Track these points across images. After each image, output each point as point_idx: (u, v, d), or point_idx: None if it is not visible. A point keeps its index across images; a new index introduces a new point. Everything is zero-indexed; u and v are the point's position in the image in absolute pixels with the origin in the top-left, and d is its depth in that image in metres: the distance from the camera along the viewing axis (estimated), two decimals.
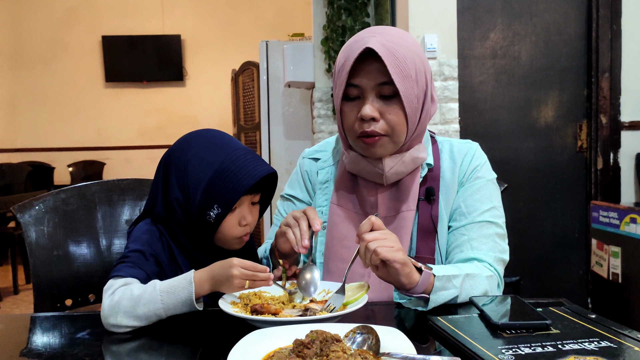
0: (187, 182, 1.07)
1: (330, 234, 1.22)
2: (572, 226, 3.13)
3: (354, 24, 3.31)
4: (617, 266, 2.39)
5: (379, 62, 1.07)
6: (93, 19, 6.83)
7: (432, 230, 1.17)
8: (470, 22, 3.02)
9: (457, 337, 0.84)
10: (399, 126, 1.11)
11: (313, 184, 1.32)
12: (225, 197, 1.05)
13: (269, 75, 4.30)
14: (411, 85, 1.09)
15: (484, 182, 1.21)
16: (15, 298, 4.26)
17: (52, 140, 6.81)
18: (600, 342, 0.80)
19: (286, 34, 4.71)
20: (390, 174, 1.17)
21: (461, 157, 1.23)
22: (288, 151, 4.32)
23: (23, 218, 1.29)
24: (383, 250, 0.95)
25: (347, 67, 1.09)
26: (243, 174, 1.05)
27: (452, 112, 2.91)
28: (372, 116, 1.09)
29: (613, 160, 3.05)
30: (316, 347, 0.75)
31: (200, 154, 1.08)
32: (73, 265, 1.35)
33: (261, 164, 1.09)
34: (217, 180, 1.05)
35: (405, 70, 1.07)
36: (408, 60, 1.08)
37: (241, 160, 1.07)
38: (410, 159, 1.17)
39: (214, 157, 1.07)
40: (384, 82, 1.09)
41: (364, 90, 1.11)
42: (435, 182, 1.20)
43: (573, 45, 3.07)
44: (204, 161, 1.07)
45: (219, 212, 1.06)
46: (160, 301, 0.96)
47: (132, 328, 0.97)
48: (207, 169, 1.06)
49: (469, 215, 1.17)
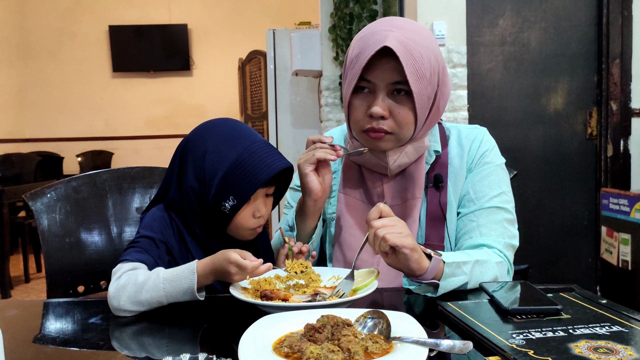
0: (204, 172, 1.07)
1: (339, 222, 1.23)
2: (581, 214, 3.11)
3: (361, 11, 3.29)
4: (627, 253, 2.38)
5: (395, 60, 1.05)
6: (100, 8, 6.83)
7: (441, 217, 1.17)
8: (479, 8, 2.99)
9: (468, 322, 0.84)
10: (407, 125, 1.11)
11: None
12: (241, 190, 1.05)
13: (276, 63, 4.29)
14: (425, 86, 1.08)
15: (492, 167, 1.20)
16: (27, 287, 4.31)
17: (60, 131, 6.84)
18: (612, 327, 0.80)
19: (293, 22, 4.69)
20: (394, 167, 1.17)
21: (469, 142, 1.22)
22: (295, 140, 4.31)
23: (35, 206, 1.30)
24: (392, 236, 0.95)
25: (362, 61, 1.07)
26: (260, 167, 1.05)
27: (461, 100, 2.90)
28: (382, 114, 1.09)
29: (623, 147, 3.03)
30: (327, 331, 0.75)
31: (218, 145, 1.07)
32: (85, 252, 1.36)
33: (278, 157, 1.09)
34: (234, 172, 1.05)
35: (421, 71, 1.06)
36: (425, 60, 1.06)
37: (259, 153, 1.06)
38: (413, 149, 1.17)
39: (232, 149, 1.06)
40: (398, 81, 1.08)
41: (376, 86, 1.10)
42: (443, 169, 1.20)
43: (583, 31, 3.04)
44: (222, 152, 1.06)
45: (234, 203, 1.06)
46: (163, 289, 0.97)
47: (134, 313, 0.98)
48: (224, 160, 1.06)
49: (477, 201, 1.17)
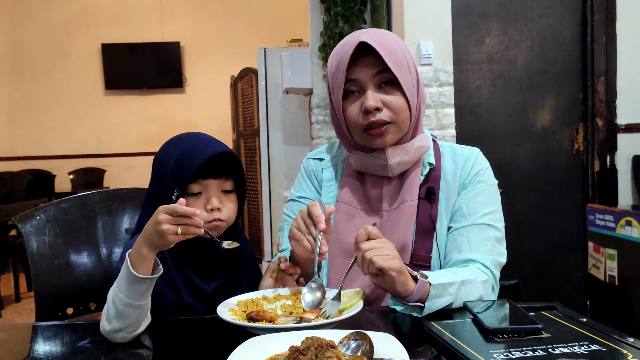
0: (160, 174, 1.15)
1: (335, 230, 1.24)
2: (569, 229, 3.14)
3: (350, 30, 3.34)
4: (613, 269, 2.40)
5: (372, 54, 1.13)
6: (92, 26, 6.86)
7: (430, 229, 1.20)
8: (466, 27, 3.05)
9: (451, 342, 0.86)
10: (403, 111, 1.16)
11: (319, 181, 1.35)
12: (182, 179, 1.10)
13: (268, 81, 4.32)
14: (406, 73, 1.15)
15: (486, 186, 1.24)
16: (17, 306, 4.27)
17: (52, 148, 6.84)
18: (590, 346, 0.82)
19: (284, 40, 4.73)
20: (394, 164, 1.20)
21: (463, 160, 1.25)
22: (287, 157, 4.34)
23: (24, 228, 1.31)
24: (379, 259, 0.97)
25: (344, 64, 1.14)
26: (196, 154, 1.11)
27: (449, 118, 2.93)
28: (376, 106, 1.14)
29: (610, 162, 3.07)
30: (311, 353, 0.77)
31: (168, 148, 1.17)
32: (74, 274, 1.36)
33: (216, 144, 1.14)
34: (177, 165, 1.11)
35: (398, 60, 1.13)
36: (399, 52, 1.14)
37: (199, 145, 1.13)
38: (414, 148, 1.20)
39: (179, 147, 1.14)
40: (381, 70, 1.14)
41: (363, 83, 1.16)
42: (436, 183, 1.23)
43: (568, 50, 3.10)
44: (171, 152, 1.14)
45: (178, 194, 1.11)
46: (118, 289, 0.96)
47: (120, 330, 0.96)
48: (173, 158, 1.13)
49: (469, 216, 1.20)
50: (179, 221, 0.93)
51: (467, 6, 3.04)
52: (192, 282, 1.17)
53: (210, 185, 1.15)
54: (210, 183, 1.15)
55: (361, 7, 3.35)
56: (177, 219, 0.93)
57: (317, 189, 1.35)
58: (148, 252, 0.95)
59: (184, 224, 0.93)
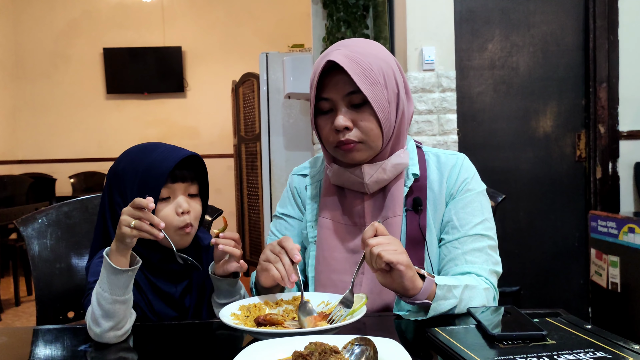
0: (124, 185, 1.15)
1: (321, 246, 1.24)
2: (571, 236, 3.13)
3: (352, 35, 3.34)
4: (615, 275, 2.39)
5: (344, 73, 1.11)
6: (94, 31, 6.88)
7: (420, 240, 1.19)
8: (469, 33, 3.05)
9: (454, 348, 0.85)
10: (373, 132, 1.14)
11: (303, 199, 1.34)
12: (152, 186, 1.11)
13: (269, 86, 4.33)
14: (380, 91, 1.12)
15: (474, 194, 1.22)
16: (17, 310, 4.26)
17: (53, 152, 6.84)
18: (596, 353, 0.81)
19: (286, 45, 4.74)
20: (371, 182, 1.18)
21: (448, 169, 1.24)
22: (288, 162, 4.34)
23: (26, 231, 1.31)
24: (387, 253, 0.97)
25: (314, 81, 1.14)
26: (165, 159, 1.13)
27: (451, 123, 2.93)
28: (345, 125, 1.13)
29: (612, 169, 3.07)
30: (315, 358, 0.76)
31: (132, 159, 1.17)
32: (75, 277, 1.36)
33: (182, 149, 1.16)
34: (146, 173, 1.12)
35: (371, 77, 1.11)
36: (374, 67, 1.12)
37: (165, 151, 1.15)
38: (391, 166, 1.18)
39: (144, 155, 1.16)
40: (352, 91, 1.12)
41: (335, 102, 1.14)
42: (422, 193, 1.22)
43: (571, 56, 3.10)
44: (135, 162, 1.15)
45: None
46: (101, 289, 0.99)
47: (111, 329, 0.98)
48: (139, 167, 1.14)
49: (461, 228, 1.19)
50: (136, 214, 0.98)
51: (470, 12, 3.05)
52: (157, 286, 1.18)
53: (177, 189, 1.17)
54: (178, 187, 1.17)
55: (363, 12, 3.36)
56: (136, 212, 0.98)
57: (300, 207, 1.34)
58: (117, 246, 0.99)
59: (139, 218, 0.97)
